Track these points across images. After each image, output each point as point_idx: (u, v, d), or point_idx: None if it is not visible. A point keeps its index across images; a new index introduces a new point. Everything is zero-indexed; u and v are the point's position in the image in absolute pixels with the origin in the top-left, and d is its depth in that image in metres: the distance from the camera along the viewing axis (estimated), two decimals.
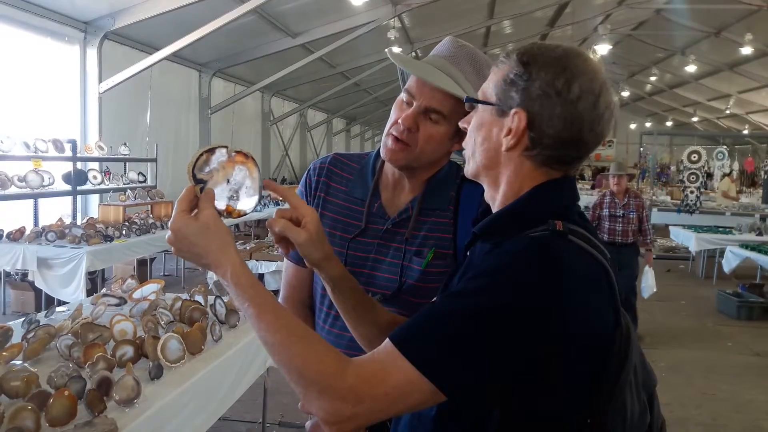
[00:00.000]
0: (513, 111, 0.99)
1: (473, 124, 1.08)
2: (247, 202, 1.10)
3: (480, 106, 1.07)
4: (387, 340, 0.92)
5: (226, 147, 1.09)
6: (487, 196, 1.10)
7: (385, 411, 0.90)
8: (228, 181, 1.09)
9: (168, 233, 1.04)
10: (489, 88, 1.05)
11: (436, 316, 0.91)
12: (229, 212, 1.09)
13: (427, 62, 1.40)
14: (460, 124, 1.13)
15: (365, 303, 1.26)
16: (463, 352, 0.87)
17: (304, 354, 0.92)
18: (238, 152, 1.10)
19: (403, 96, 1.41)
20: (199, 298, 2.96)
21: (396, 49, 9.66)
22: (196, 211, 1.04)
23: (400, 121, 1.38)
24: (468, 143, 1.09)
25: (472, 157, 1.08)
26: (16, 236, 5.46)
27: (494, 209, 1.08)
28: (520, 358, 0.88)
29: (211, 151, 1.08)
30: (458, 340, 0.87)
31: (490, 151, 1.04)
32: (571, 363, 0.90)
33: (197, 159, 1.06)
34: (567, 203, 1.04)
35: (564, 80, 0.97)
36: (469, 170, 1.10)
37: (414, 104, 1.37)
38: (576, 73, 0.97)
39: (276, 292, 1.38)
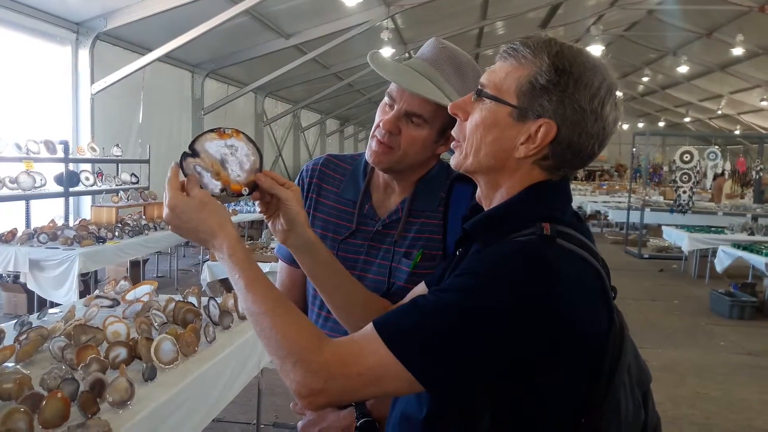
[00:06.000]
0: (540, 121, 0.96)
1: (480, 119, 1.00)
2: (242, 178, 1.16)
3: (489, 102, 1.00)
4: (370, 323, 0.93)
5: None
6: (481, 194, 1.07)
7: (356, 391, 0.91)
8: (229, 149, 1.16)
9: (165, 211, 1.09)
10: (508, 86, 0.98)
11: (420, 308, 0.92)
12: (224, 181, 1.15)
13: (409, 66, 1.40)
14: (451, 109, 1.06)
15: (347, 284, 1.30)
16: (441, 346, 0.87)
17: (284, 326, 0.94)
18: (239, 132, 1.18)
19: (385, 99, 1.41)
20: (192, 299, 2.95)
21: (386, 51, 9.60)
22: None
23: (381, 124, 1.38)
24: (469, 137, 1.02)
25: (474, 153, 1.02)
26: (8, 238, 5.43)
27: (487, 208, 1.06)
28: (503, 358, 0.87)
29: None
30: (437, 334, 0.88)
31: (499, 153, 1.00)
32: (562, 364, 0.89)
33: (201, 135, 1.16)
34: (561, 205, 1.03)
35: (599, 99, 0.95)
36: (466, 165, 1.04)
37: (395, 108, 1.37)
38: (608, 91, 0.96)
39: None
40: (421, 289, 1.23)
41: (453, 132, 1.08)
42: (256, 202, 1.22)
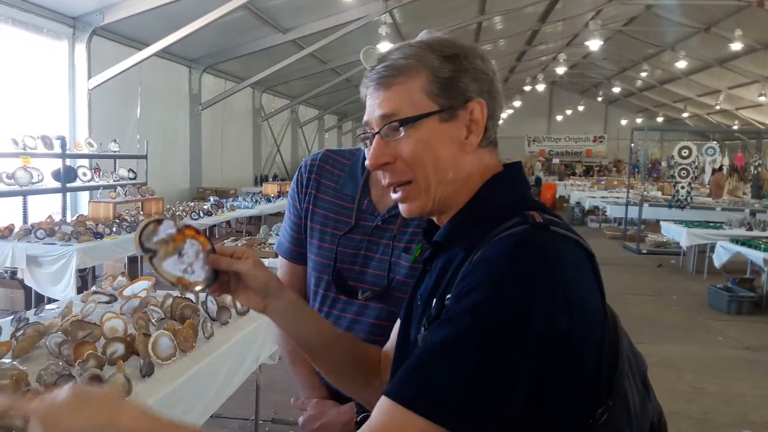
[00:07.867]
0: (470, 105, 0.96)
1: (420, 145, 0.96)
2: (201, 275, 1.08)
3: (415, 123, 0.95)
4: (383, 399, 0.82)
5: (173, 220, 1.08)
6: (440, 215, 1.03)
7: None
8: (180, 254, 1.06)
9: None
10: (419, 99, 0.95)
11: (436, 357, 0.82)
12: (185, 285, 1.06)
13: None
14: (374, 166, 1.00)
15: (339, 339, 1.21)
16: (475, 387, 0.80)
17: None
18: (187, 227, 1.08)
19: None
20: (190, 295, 2.94)
21: (384, 47, 9.53)
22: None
23: None
24: (420, 168, 0.96)
25: (437, 179, 0.97)
26: (5, 234, 5.41)
27: (449, 216, 1.01)
28: (530, 368, 0.82)
29: (159, 222, 1.06)
30: (467, 376, 0.80)
31: (455, 160, 0.97)
32: (576, 360, 0.85)
33: (144, 228, 1.05)
34: (526, 189, 1.03)
35: (485, 60, 1.00)
36: (437, 196, 0.98)
37: None
38: (476, 49, 1.01)
39: None
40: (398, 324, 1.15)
41: (389, 182, 1.01)
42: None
